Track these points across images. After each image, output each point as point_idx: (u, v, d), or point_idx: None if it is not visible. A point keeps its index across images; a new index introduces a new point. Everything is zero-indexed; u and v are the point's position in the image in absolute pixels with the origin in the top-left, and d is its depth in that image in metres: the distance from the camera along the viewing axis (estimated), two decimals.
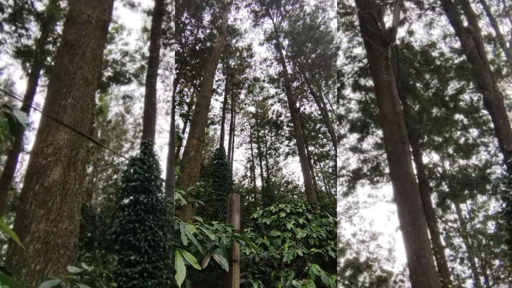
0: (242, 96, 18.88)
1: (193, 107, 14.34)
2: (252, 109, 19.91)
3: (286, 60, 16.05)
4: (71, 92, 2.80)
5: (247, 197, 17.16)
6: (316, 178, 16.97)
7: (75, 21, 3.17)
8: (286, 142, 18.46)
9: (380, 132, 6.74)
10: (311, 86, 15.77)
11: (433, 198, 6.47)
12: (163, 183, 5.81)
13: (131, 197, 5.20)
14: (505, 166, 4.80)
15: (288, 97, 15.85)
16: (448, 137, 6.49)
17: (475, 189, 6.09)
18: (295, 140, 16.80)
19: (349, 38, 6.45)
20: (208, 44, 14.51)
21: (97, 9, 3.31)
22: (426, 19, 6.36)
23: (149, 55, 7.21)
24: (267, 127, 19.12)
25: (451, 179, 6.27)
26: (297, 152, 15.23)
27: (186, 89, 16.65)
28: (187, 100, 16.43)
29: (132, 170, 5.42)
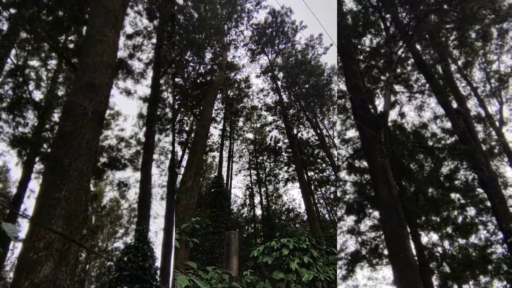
0: (240, 124, 19.56)
1: (192, 135, 14.67)
2: (250, 135, 20.34)
3: (282, 90, 17.36)
4: (65, 184, 2.76)
5: (246, 227, 15.78)
6: (318, 205, 15.99)
7: (72, 113, 3.17)
8: (285, 168, 18.21)
9: (377, 214, 6.71)
10: (307, 113, 16.64)
11: (435, 280, 6.15)
12: (158, 271, 5.44)
13: None
14: (505, 246, 4.75)
15: (285, 124, 16.40)
16: (446, 217, 6.42)
17: (477, 270, 5.90)
18: (294, 166, 16.65)
19: (342, 120, 6.80)
20: (209, 77, 15.93)
21: (94, 100, 3.31)
22: (417, 102, 6.77)
23: (144, 141, 7.21)
24: (266, 153, 19.14)
25: (451, 260, 6.17)
26: (297, 178, 14.85)
27: (186, 118, 17.37)
28: (187, 128, 16.91)
29: (126, 258, 5.16)
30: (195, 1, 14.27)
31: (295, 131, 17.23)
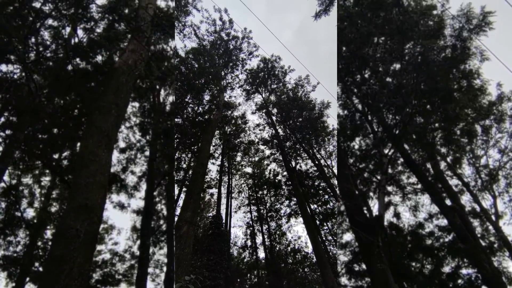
0: (238, 159, 19.60)
1: (190, 172, 14.60)
2: (248, 170, 20.21)
3: (277, 124, 17.84)
4: None
5: (248, 275, 14.96)
6: (326, 243, 15.26)
7: (64, 235, 3.09)
8: (287, 202, 17.85)
9: None
10: (303, 144, 16.88)
11: None
12: None
13: None
14: None
15: (283, 157, 16.51)
16: None
17: None
18: (295, 200, 16.43)
19: (339, 223, 6.53)
20: (206, 116, 16.29)
21: (86, 221, 3.25)
22: (411, 202, 6.68)
23: (139, 254, 7.07)
24: (265, 187, 18.89)
25: None
26: (300, 212, 14.55)
27: (183, 155, 17.38)
28: (184, 166, 16.84)
29: None
30: (195, 54, 15.41)
31: (293, 163, 17.23)
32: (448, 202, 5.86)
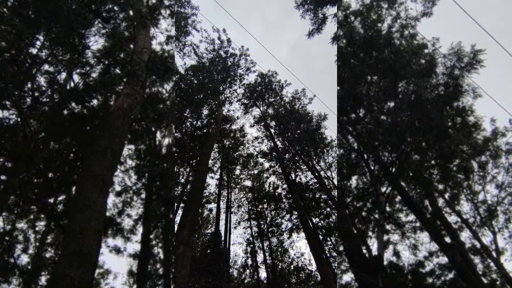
0: (237, 172, 19.49)
1: (188, 187, 14.47)
2: (248, 183, 20.04)
3: (275, 137, 17.87)
4: None
5: None
6: (331, 259, 14.72)
7: (58, 284, 3.02)
8: (287, 216, 17.58)
9: None
10: (302, 156, 16.85)
11: None
12: None
13: None
14: None
15: (282, 170, 16.44)
16: None
17: None
18: (296, 213, 16.21)
19: (338, 263, 6.26)
20: (205, 130, 16.35)
21: (81, 268, 3.17)
22: (410, 240, 6.53)
23: None
24: (265, 200, 18.68)
25: None
26: (301, 227, 14.25)
27: (182, 169, 17.27)
28: (182, 180, 16.69)
29: None
30: (194, 70, 15.75)
31: (293, 175, 17.14)
32: (447, 239, 5.79)
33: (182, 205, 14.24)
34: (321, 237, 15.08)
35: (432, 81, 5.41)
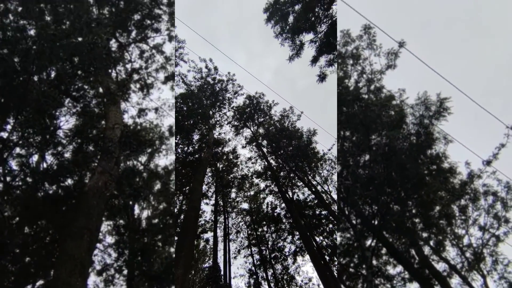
0: (233, 195, 19.22)
1: (182, 217, 14.03)
2: (245, 205, 19.66)
3: (268, 156, 17.86)
4: None
5: None
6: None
7: None
8: (289, 237, 16.95)
9: None
10: (297, 173, 16.78)
11: None
12: None
13: None
14: None
15: (279, 188, 16.27)
16: None
17: None
18: (298, 233, 15.75)
19: None
20: (197, 155, 16.24)
21: None
22: None
23: None
24: (265, 222, 18.26)
25: None
26: (305, 248, 13.69)
27: (175, 198, 16.87)
28: (175, 210, 16.23)
29: None
30: (184, 98, 15.94)
31: (290, 193, 16.97)
32: None
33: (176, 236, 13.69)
34: (327, 258, 14.35)
35: (403, 132, 5.53)
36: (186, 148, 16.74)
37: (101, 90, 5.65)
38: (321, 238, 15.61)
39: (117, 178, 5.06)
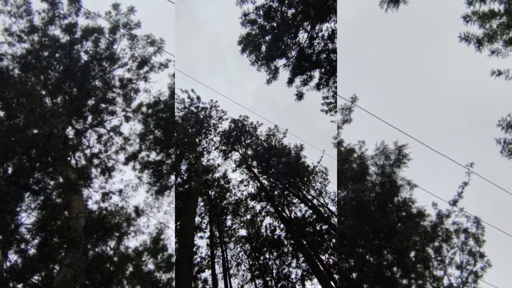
0: (228, 223, 18.70)
1: (173, 259, 13.16)
2: (243, 232, 18.90)
3: (260, 176, 17.79)
4: None
5: None
6: None
7: None
8: (294, 261, 16.11)
9: None
10: (291, 189, 16.67)
11: None
12: None
13: None
14: None
15: (275, 209, 15.98)
16: None
17: None
18: (302, 255, 15.18)
19: None
20: (187, 186, 15.98)
21: None
22: None
23: None
24: (266, 248, 17.57)
25: None
26: (312, 271, 13.06)
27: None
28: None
29: None
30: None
31: (287, 212, 16.73)
32: None
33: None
34: (336, 276, 13.62)
35: (367, 184, 5.64)
36: (174, 180, 16.42)
37: (61, 180, 5.56)
38: (327, 255, 15.04)
39: (86, 268, 4.86)
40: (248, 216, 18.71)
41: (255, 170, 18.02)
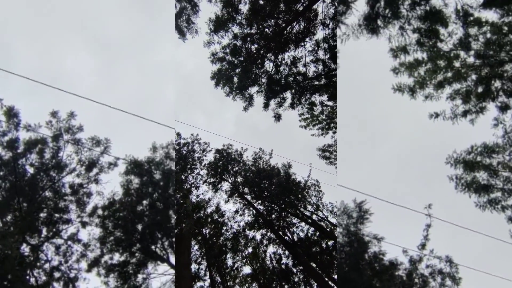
0: (229, 262, 16.75)
1: None
2: (247, 269, 17.03)
3: (254, 202, 16.96)
4: None
5: None
6: None
7: None
8: None
9: None
10: (288, 209, 15.99)
11: None
12: None
13: None
14: None
15: (276, 234, 14.95)
16: None
17: None
18: (315, 283, 13.73)
19: None
20: (176, 231, 14.20)
21: None
22: None
23: None
24: (275, 283, 15.75)
25: None
26: None
27: None
28: None
29: None
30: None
31: (289, 235, 15.55)
32: None
33: None
34: None
35: (337, 245, 5.18)
36: None
37: None
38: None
39: None
40: (250, 249, 17.08)
41: (248, 197, 17.35)
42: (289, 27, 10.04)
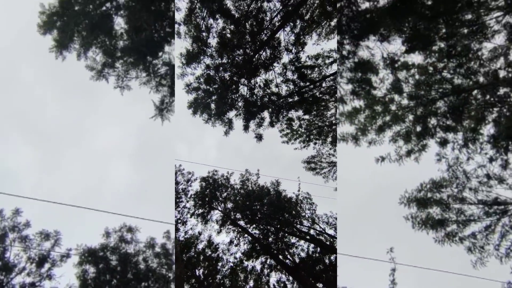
0: None
1: None
2: None
3: (248, 227, 15.95)
4: None
5: None
6: None
7: None
8: None
9: None
10: (284, 229, 15.29)
11: None
12: None
13: None
14: None
15: (275, 260, 13.92)
16: None
17: None
18: None
19: None
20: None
21: None
22: None
23: None
24: None
25: None
26: None
27: None
28: None
29: None
30: None
31: (290, 258, 14.54)
32: None
33: None
34: None
35: None
36: None
37: None
38: None
39: None
40: (251, 283, 15.50)
41: (242, 223, 16.37)
42: (257, 55, 10.96)
